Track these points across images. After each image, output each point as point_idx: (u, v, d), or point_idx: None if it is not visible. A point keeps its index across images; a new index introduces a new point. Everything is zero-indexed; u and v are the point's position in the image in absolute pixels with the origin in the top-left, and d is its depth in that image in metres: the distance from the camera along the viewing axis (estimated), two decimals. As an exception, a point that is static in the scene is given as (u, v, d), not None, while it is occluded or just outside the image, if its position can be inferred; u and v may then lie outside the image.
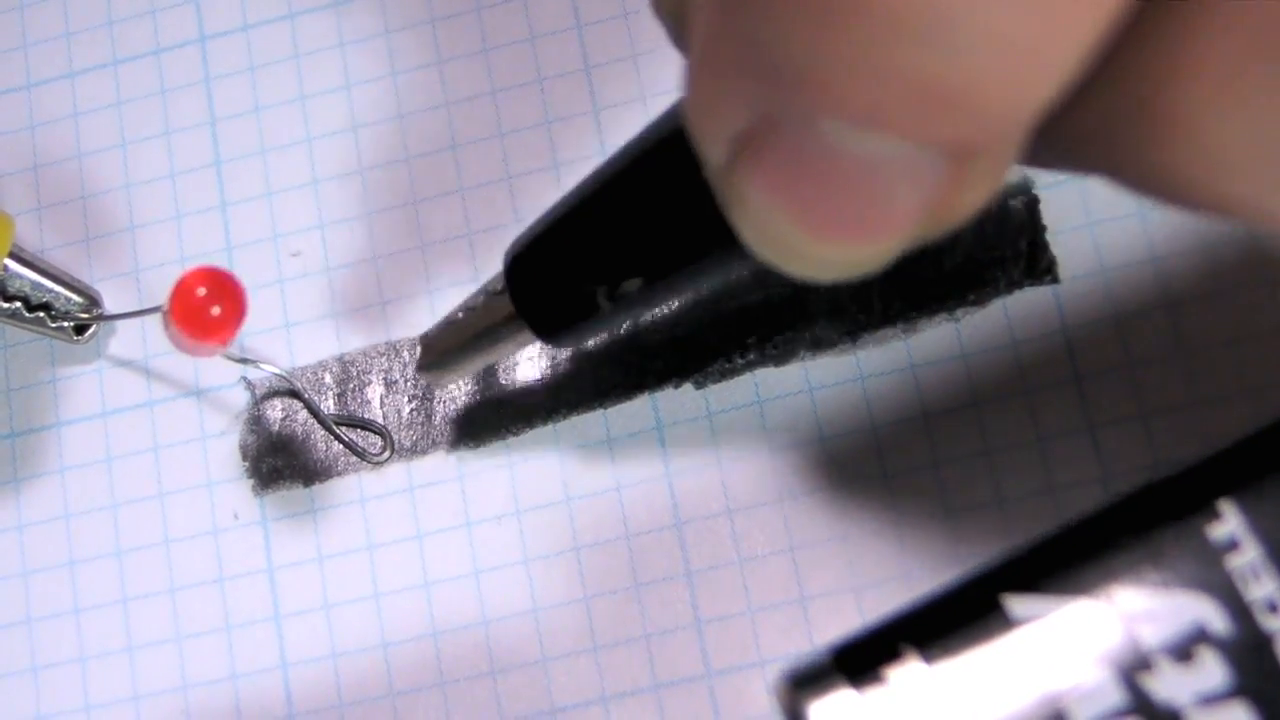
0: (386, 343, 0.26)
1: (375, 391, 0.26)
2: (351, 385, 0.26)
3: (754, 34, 0.13)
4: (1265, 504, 0.18)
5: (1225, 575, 0.17)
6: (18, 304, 0.26)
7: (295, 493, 0.26)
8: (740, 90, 0.14)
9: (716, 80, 0.15)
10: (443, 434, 0.26)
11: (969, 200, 0.14)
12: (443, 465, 0.25)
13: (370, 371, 0.26)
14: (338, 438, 0.26)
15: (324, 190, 0.27)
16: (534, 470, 0.25)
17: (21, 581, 0.26)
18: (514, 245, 0.22)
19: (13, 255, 0.25)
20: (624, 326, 0.22)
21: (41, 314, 0.26)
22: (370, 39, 0.28)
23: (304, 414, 0.26)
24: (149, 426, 0.26)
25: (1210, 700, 0.17)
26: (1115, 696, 0.17)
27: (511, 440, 0.25)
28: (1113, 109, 0.14)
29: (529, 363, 0.26)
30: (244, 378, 0.26)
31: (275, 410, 0.26)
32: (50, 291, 0.26)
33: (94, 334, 0.26)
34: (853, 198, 0.14)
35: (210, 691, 0.25)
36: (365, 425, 0.26)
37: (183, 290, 0.22)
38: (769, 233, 0.15)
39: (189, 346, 0.23)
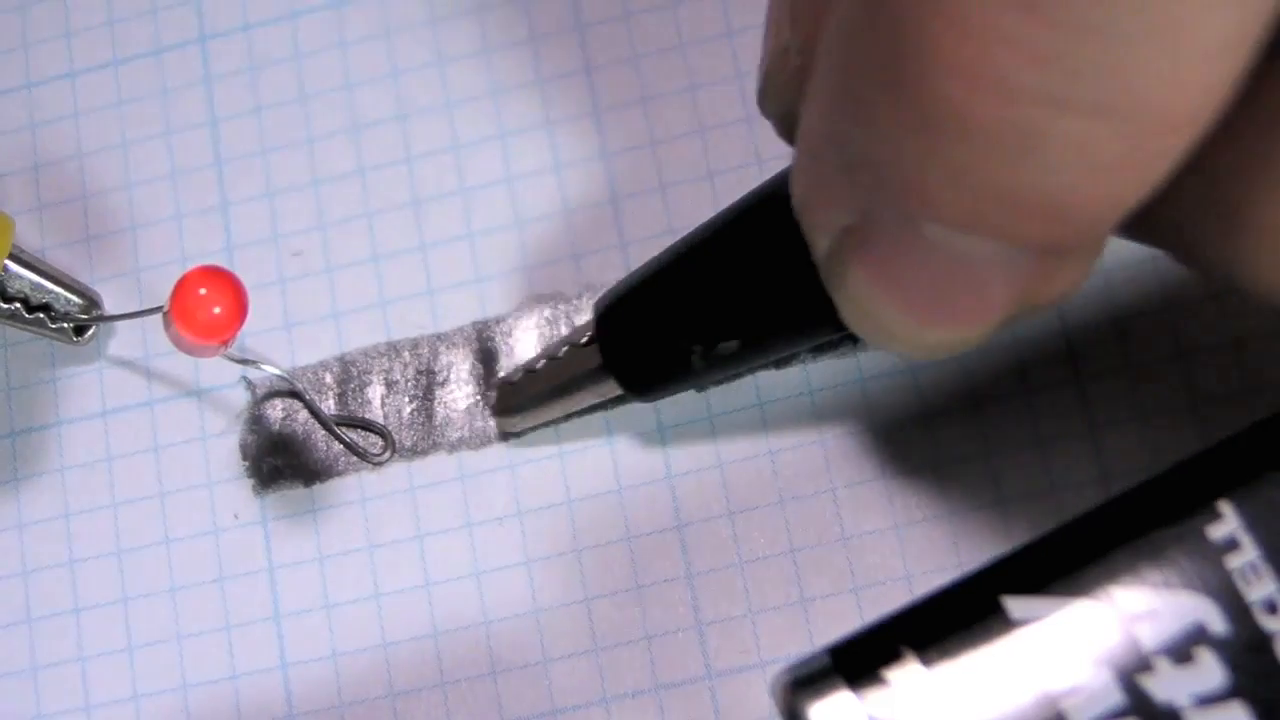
0: (387, 343, 0.26)
1: (376, 392, 0.26)
2: (352, 385, 0.26)
3: (862, 143, 0.15)
4: (1264, 504, 0.18)
5: (1224, 575, 0.18)
6: (17, 305, 0.26)
7: (296, 493, 0.26)
8: (846, 190, 0.15)
9: (824, 179, 0.16)
10: (444, 434, 0.26)
11: (1058, 289, 0.16)
12: (444, 465, 0.25)
13: (371, 372, 0.26)
14: (338, 438, 0.26)
15: (325, 190, 0.27)
16: (535, 472, 0.25)
17: (21, 581, 0.26)
18: (605, 298, 0.23)
19: (12, 256, 0.25)
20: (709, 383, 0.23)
21: (41, 315, 0.26)
22: (371, 39, 0.28)
23: (304, 414, 0.26)
24: (149, 426, 0.26)
25: (1209, 701, 0.17)
26: (1114, 697, 0.17)
27: (512, 442, 0.25)
28: (1193, 202, 0.15)
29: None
30: (244, 377, 0.26)
31: (276, 410, 0.26)
32: (50, 292, 0.26)
33: (94, 335, 0.26)
34: (950, 290, 0.15)
35: (210, 691, 0.25)
36: (366, 425, 0.26)
37: (183, 290, 0.22)
38: (870, 316, 0.16)
39: (189, 346, 0.23)
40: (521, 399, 0.24)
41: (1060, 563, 0.18)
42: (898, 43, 0.13)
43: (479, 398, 0.26)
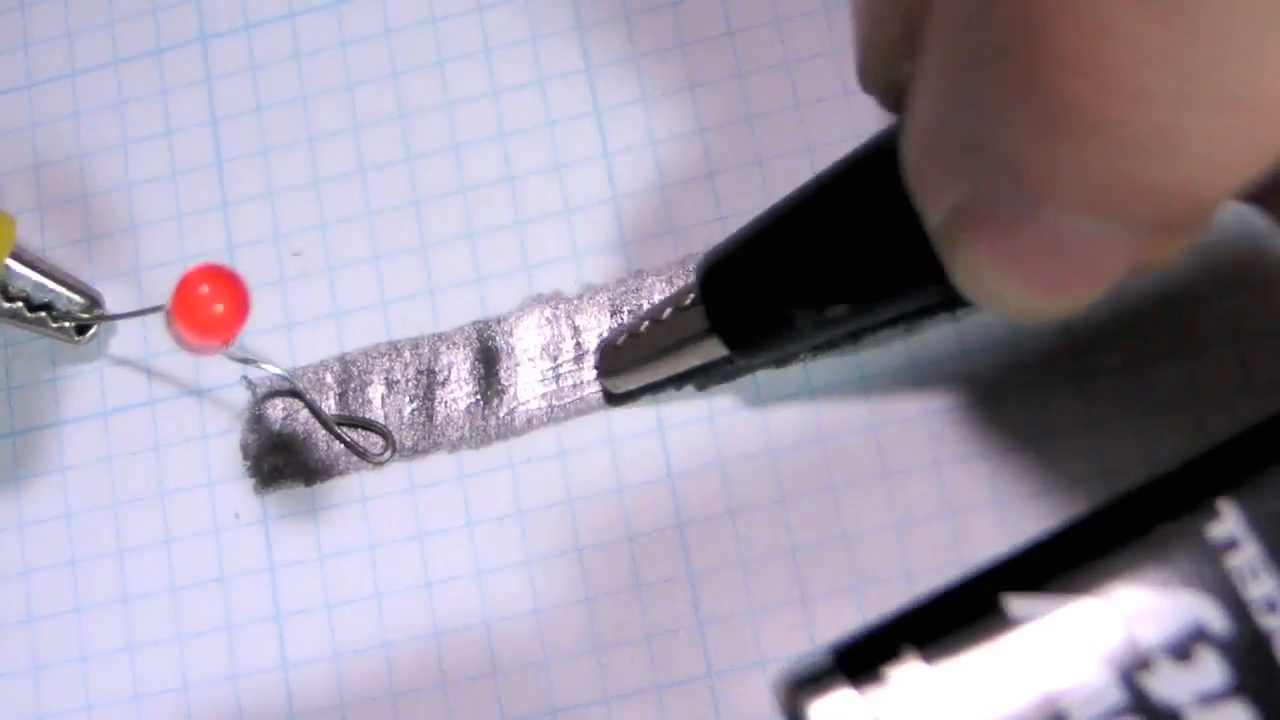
0: (388, 342, 0.26)
1: (377, 391, 0.26)
2: (353, 385, 0.26)
3: (981, 132, 0.15)
4: (1265, 503, 0.18)
5: (1224, 574, 0.18)
6: (19, 304, 0.26)
7: (296, 492, 0.26)
8: (962, 170, 0.16)
9: (941, 157, 0.16)
10: (444, 434, 0.26)
11: (1169, 255, 0.16)
12: (444, 465, 0.25)
13: (371, 371, 0.26)
14: (339, 438, 0.26)
15: (325, 190, 0.27)
16: (536, 471, 0.25)
17: (22, 580, 0.26)
18: (708, 259, 0.23)
19: (14, 255, 0.25)
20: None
21: (43, 314, 0.26)
22: (371, 39, 0.28)
23: (305, 413, 0.26)
24: (150, 425, 0.26)
25: (1209, 699, 0.17)
26: (1114, 696, 0.17)
27: (513, 442, 0.25)
28: None
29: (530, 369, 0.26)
30: (245, 377, 0.26)
31: (276, 409, 0.26)
32: (51, 291, 0.26)
33: (95, 334, 0.27)
34: (1067, 264, 0.16)
35: (211, 691, 0.25)
36: (366, 425, 0.26)
37: (185, 288, 0.22)
38: (986, 288, 0.17)
39: (191, 345, 0.23)
40: (625, 361, 0.24)
41: (1061, 561, 0.18)
42: (1021, 40, 0.14)
43: (479, 397, 0.26)
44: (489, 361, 0.26)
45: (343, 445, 0.26)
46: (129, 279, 0.27)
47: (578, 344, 0.26)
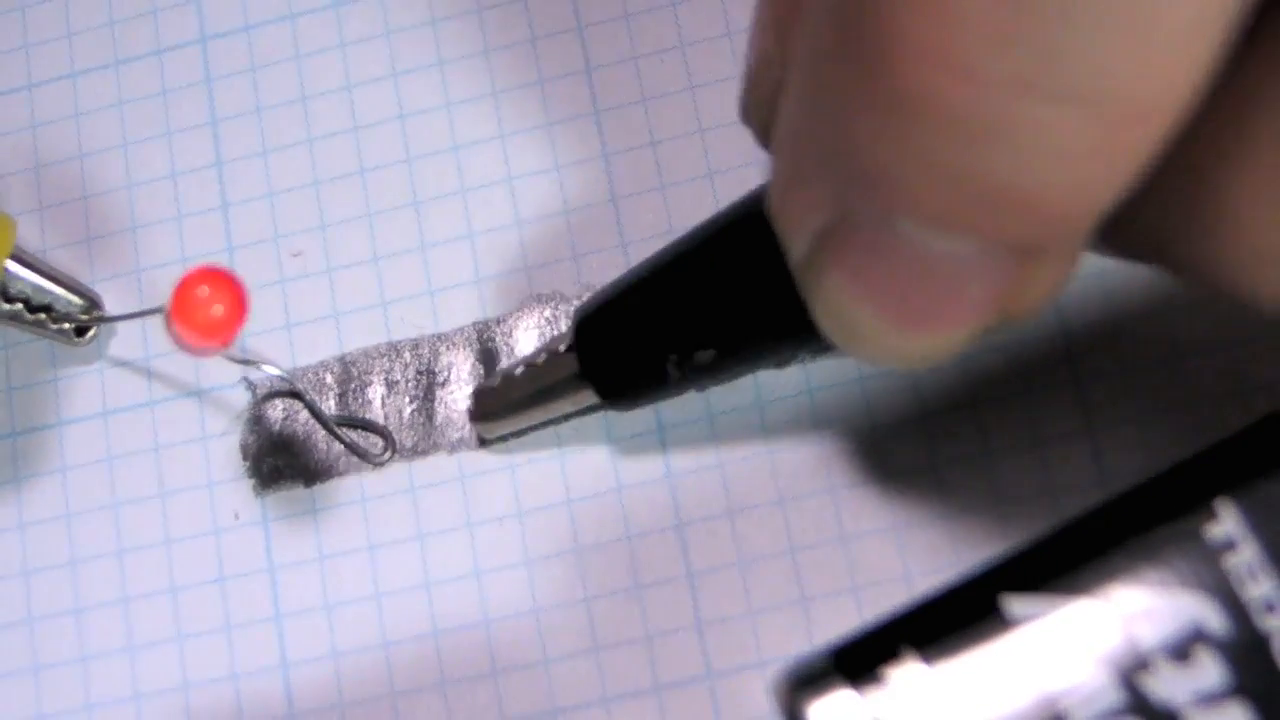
0: (388, 343, 0.26)
1: (376, 392, 0.26)
2: (353, 386, 0.26)
3: (834, 139, 0.14)
4: (1262, 503, 0.18)
5: (1222, 575, 0.18)
6: (19, 305, 0.26)
7: (296, 493, 0.26)
8: (822, 190, 0.15)
9: (800, 180, 0.16)
10: (444, 435, 0.26)
11: (1036, 295, 0.15)
12: (444, 466, 0.25)
13: (371, 372, 0.26)
14: (339, 438, 0.26)
15: (325, 191, 0.27)
16: (535, 471, 0.25)
17: (22, 581, 0.26)
18: (584, 306, 0.23)
19: (14, 257, 0.25)
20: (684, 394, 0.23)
21: (42, 315, 0.26)
22: (371, 39, 0.28)
23: (305, 414, 0.26)
24: (150, 426, 0.26)
25: (1208, 700, 0.17)
26: (1113, 696, 0.17)
27: (512, 442, 0.25)
28: (1172, 203, 0.15)
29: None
30: (245, 378, 0.26)
31: (276, 410, 0.26)
32: (51, 293, 0.26)
33: (95, 335, 0.27)
34: (927, 290, 0.15)
35: (211, 691, 0.25)
36: (366, 426, 0.26)
37: (184, 290, 0.22)
38: (847, 322, 0.16)
39: (190, 347, 0.23)
40: (499, 405, 0.24)
41: (1059, 562, 0.18)
42: (865, 26, 0.13)
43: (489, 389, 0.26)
44: (489, 362, 0.26)
45: (342, 446, 0.26)
46: (129, 280, 0.27)
47: (577, 345, 0.26)
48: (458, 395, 0.26)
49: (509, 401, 0.24)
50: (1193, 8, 0.12)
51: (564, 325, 0.26)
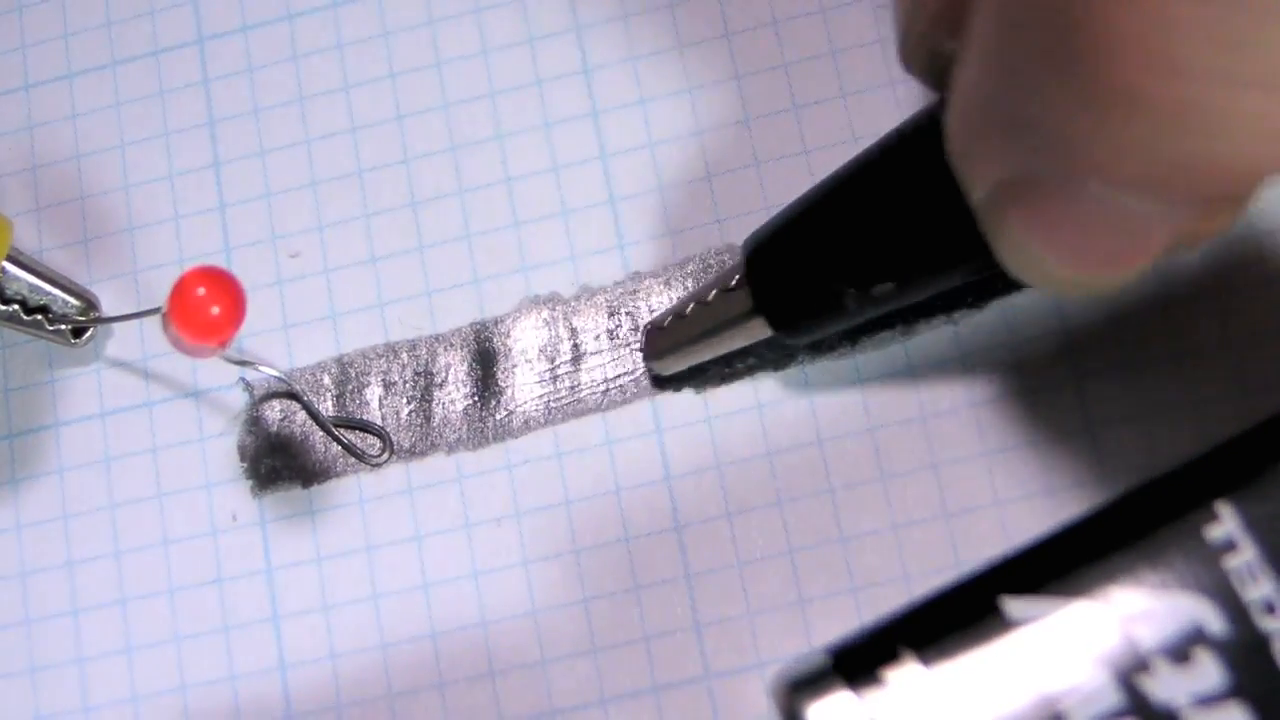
0: (385, 344, 0.26)
1: (374, 393, 0.26)
2: (350, 386, 0.26)
3: (1028, 110, 0.15)
4: (1262, 505, 0.18)
5: (1222, 576, 0.18)
6: (15, 306, 0.26)
7: (294, 494, 0.26)
8: (1007, 147, 0.16)
9: (985, 135, 0.16)
10: (442, 435, 0.26)
11: (1213, 231, 0.16)
12: (442, 466, 0.25)
13: (369, 373, 0.26)
14: (336, 439, 0.26)
15: (322, 191, 0.27)
16: (533, 472, 0.25)
17: (20, 582, 0.26)
18: (753, 239, 0.22)
19: (10, 258, 0.25)
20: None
21: (39, 316, 0.26)
22: (369, 40, 0.28)
23: (303, 415, 0.26)
24: (147, 427, 0.26)
25: (1207, 701, 0.17)
26: (1112, 698, 0.17)
27: (511, 444, 0.25)
28: None
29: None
30: (242, 379, 0.26)
31: (274, 411, 0.26)
32: (48, 294, 0.26)
33: (91, 336, 0.26)
34: (1113, 239, 0.16)
35: (208, 692, 0.25)
36: (364, 427, 0.26)
37: (181, 290, 0.22)
38: (1031, 263, 0.17)
39: (187, 347, 0.23)
40: (670, 343, 0.24)
41: (1059, 563, 0.18)
42: (1069, 20, 0.14)
43: (476, 398, 0.26)
44: (486, 363, 0.26)
45: (340, 447, 0.26)
46: (126, 281, 0.27)
47: (575, 346, 0.26)
48: (455, 396, 0.26)
49: (680, 339, 0.24)
50: None
51: (562, 327, 0.26)
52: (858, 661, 0.18)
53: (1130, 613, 0.18)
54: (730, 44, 0.27)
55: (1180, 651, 0.17)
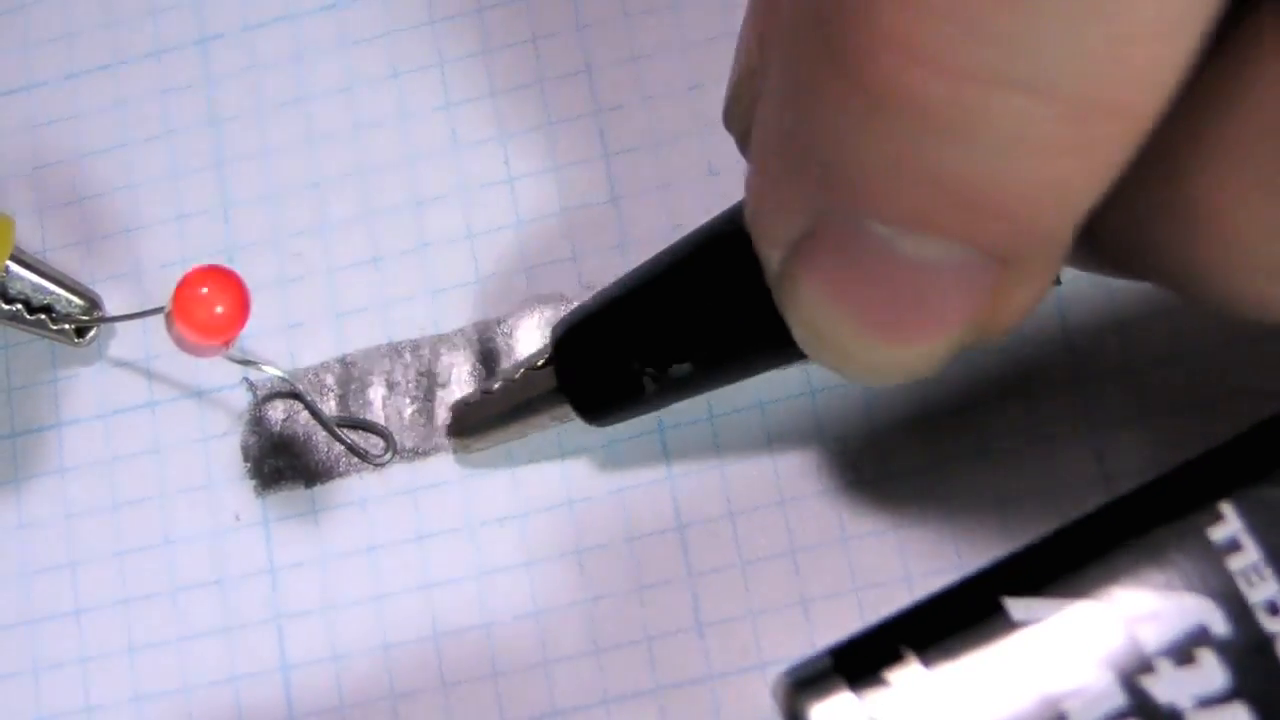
0: (388, 344, 0.26)
1: (377, 393, 0.26)
2: (353, 386, 0.26)
3: (805, 137, 0.14)
4: (1266, 505, 0.18)
5: (1226, 577, 0.18)
6: (19, 306, 0.26)
7: (297, 494, 0.26)
8: (796, 195, 0.15)
9: (774, 186, 0.15)
10: (445, 436, 0.26)
11: (1015, 306, 0.15)
12: (445, 467, 0.25)
13: (372, 373, 0.26)
14: (339, 439, 0.26)
15: (325, 191, 0.27)
16: (536, 473, 0.25)
17: (22, 582, 0.26)
18: (563, 322, 0.23)
19: (14, 257, 0.25)
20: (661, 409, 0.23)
21: (43, 316, 0.26)
22: (371, 40, 0.28)
23: (305, 415, 0.26)
24: (150, 427, 0.26)
25: (1211, 702, 0.17)
26: (1116, 699, 0.17)
27: (513, 444, 0.25)
28: (1154, 210, 0.14)
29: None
30: (246, 378, 0.26)
31: (277, 411, 0.26)
32: (51, 293, 0.26)
33: (95, 336, 0.27)
34: (902, 297, 0.14)
35: (211, 693, 0.25)
36: (367, 427, 0.26)
37: (185, 289, 0.22)
38: (822, 333, 0.16)
39: (191, 346, 0.23)
40: (477, 420, 0.24)
41: (1061, 564, 0.18)
42: (833, 20, 0.13)
43: (481, 398, 0.26)
44: (490, 363, 0.26)
45: (343, 447, 0.26)
46: (129, 280, 0.27)
47: (578, 345, 0.26)
48: (458, 396, 0.26)
49: (486, 417, 0.24)
50: (1167, 2, 0.12)
51: (564, 326, 0.26)
52: (860, 662, 0.18)
53: (1133, 613, 0.18)
54: (733, 43, 0.27)
55: (1183, 652, 0.17)
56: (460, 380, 0.26)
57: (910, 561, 0.24)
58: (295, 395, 0.26)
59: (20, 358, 0.27)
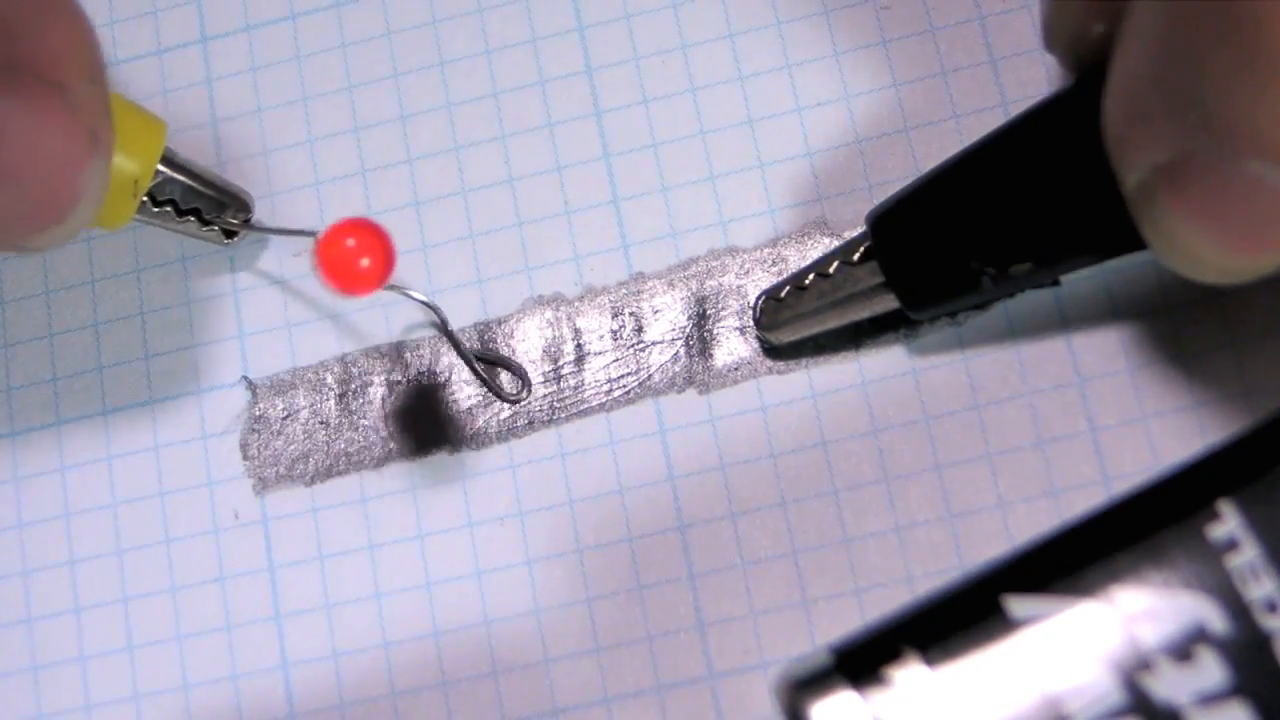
0: (389, 344, 0.26)
1: (378, 392, 0.26)
2: (353, 386, 0.26)
3: (1192, 86, 0.16)
4: (1264, 504, 0.18)
5: (1225, 575, 0.18)
6: (168, 208, 0.25)
7: (297, 492, 0.26)
8: (1167, 128, 0.17)
9: (1142, 119, 0.17)
10: (447, 435, 0.26)
11: None
12: (445, 465, 0.25)
13: (372, 373, 0.26)
14: (476, 373, 0.25)
15: (325, 191, 0.27)
16: (537, 472, 0.25)
17: (22, 580, 0.26)
18: (881, 213, 0.22)
19: (164, 160, 0.25)
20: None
21: (191, 219, 0.25)
22: (372, 40, 0.28)
23: (305, 413, 0.26)
24: (150, 425, 0.26)
25: (1209, 700, 0.17)
26: (1115, 697, 0.17)
27: (514, 443, 0.25)
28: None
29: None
30: (245, 377, 0.26)
31: (276, 409, 0.26)
32: (201, 196, 0.25)
33: (242, 238, 0.26)
34: (1265, 217, 0.17)
35: (211, 691, 0.25)
36: (504, 363, 0.26)
37: (331, 240, 0.22)
38: (1184, 246, 0.18)
39: (336, 289, 0.22)
40: (789, 314, 0.24)
41: (1061, 563, 0.18)
42: None
43: (480, 399, 0.26)
44: (490, 362, 0.26)
45: (479, 383, 0.25)
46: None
47: (579, 346, 0.26)
48: (459, 396, 0.26)
49: (800, 311, 0.24)
50: None
51: (565, 327, 0.26)
52: (861, 661, 0.18)
53: (1133, 612, 0.18)
54: (735, 44, 0.27)
55: (1183, 650, 0.17)
56: (461, 380, 0.26)
57: (911, 562, 0.24)
58: (438, 326, 0.26)
59: (20, 356, 0.27)
